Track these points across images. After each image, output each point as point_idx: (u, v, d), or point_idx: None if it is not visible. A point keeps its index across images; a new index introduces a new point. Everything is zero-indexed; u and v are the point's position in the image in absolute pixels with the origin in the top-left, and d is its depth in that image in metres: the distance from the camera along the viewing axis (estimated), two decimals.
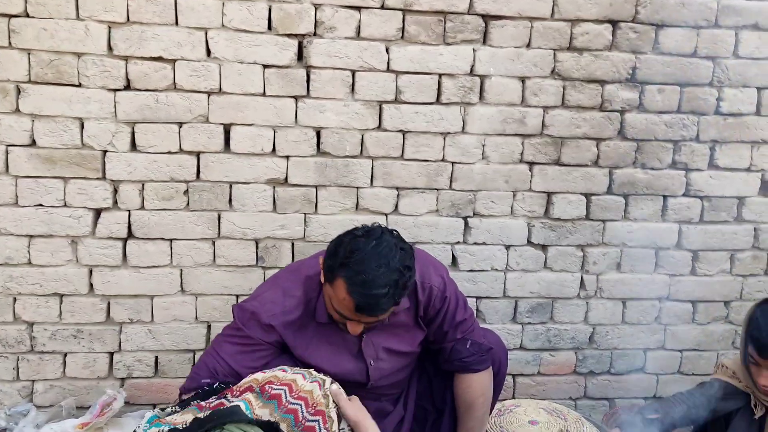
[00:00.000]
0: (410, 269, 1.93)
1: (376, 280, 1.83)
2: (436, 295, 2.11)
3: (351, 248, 1.90)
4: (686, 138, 2.81)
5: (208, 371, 2.01)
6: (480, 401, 2.24)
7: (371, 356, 2.16)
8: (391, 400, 2.32)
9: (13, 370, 2.59)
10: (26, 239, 2.50)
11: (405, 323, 2.18)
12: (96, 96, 2.43)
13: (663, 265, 2.91)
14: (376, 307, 1.90)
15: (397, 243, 1.94)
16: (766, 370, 2.12)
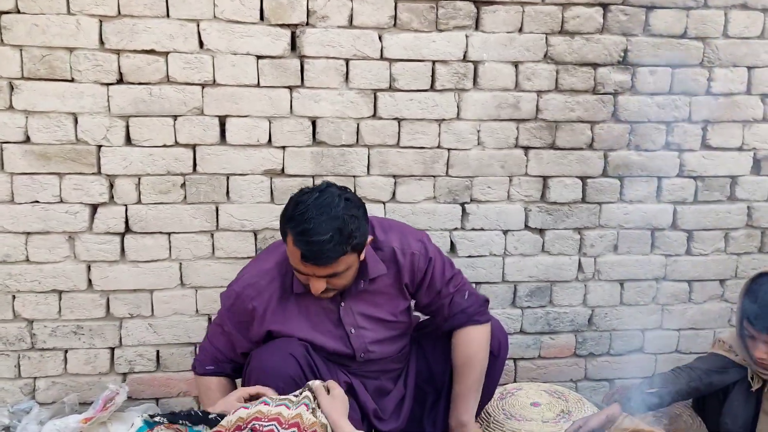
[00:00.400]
0: (356, 218, 1.91)
1: (317, 228, 1.85)
2: (419, 258, 2.11)
3: (296, 202, 1.92)
4: (678, 119, 2.76)
5: (209, 360, 2.16)
6: (479, 357, 2.18)
7: (351, 324, 2.12)
8: (392, 379, 2.27)
9: (15, 368, 2.53)
10: (23, 236, 2.44)
11: (385, 291, 2.14)
12: (89, 90, 2.37)
13: (659, 246, 2.88)
14: (320, 255, 1.86)
15: (341, 194, 1.92)
16: (761, 342, 2.10)
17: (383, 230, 2.19)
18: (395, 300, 2.17)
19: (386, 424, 2.23)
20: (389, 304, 2.17)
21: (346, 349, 2.15)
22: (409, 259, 2.12)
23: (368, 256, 2.08)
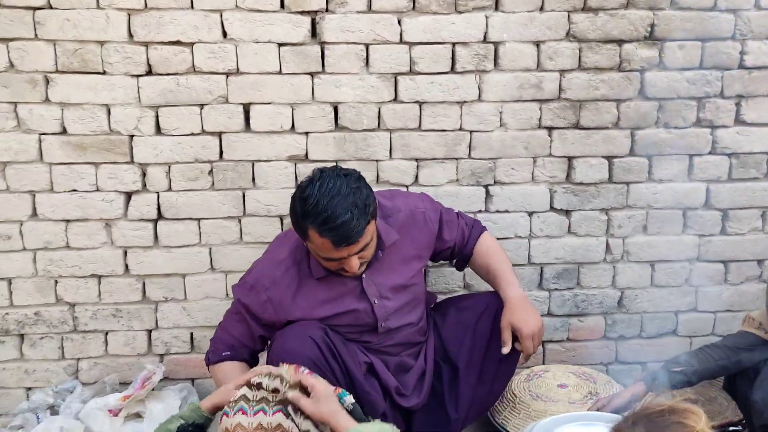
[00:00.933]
0: (360, 188, 1.93)
1: (336, 211, 1.85)
2: (429, 213, 2.19)
3: (303, 198, 1.91)
4: (710, 94, 2.61)
5: (225, 346, 2.15)
6: (499, 248, 2.33)
7: (374, 294, 2.10)
8: (412, 355, 2.24)
9: (59, 350, 2.59)
10: (63, 224, 2.49)
11: (400, 256, 2.13)
12: (120, 82, 2.39)
13: (692, 226, 2.73)
14: (351, 233, 1.87)
15: (338, 172, 1.94)
16: None
17: (388, 198, 2.20)
18: (411, 262, 2.17)
19: (408, 400, 2.19)
20: (405, 268, 2.16)
21: (369, 320, 2.13)
22: (421, 217, 2.17)
23: (379, 228, 2.08)
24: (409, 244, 2.13)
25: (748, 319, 2.20)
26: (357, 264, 1.96)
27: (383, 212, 2.11)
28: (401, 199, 2.20)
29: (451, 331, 2.28)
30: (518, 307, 2.14)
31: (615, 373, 2.80)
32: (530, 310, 2.15)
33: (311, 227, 1.88)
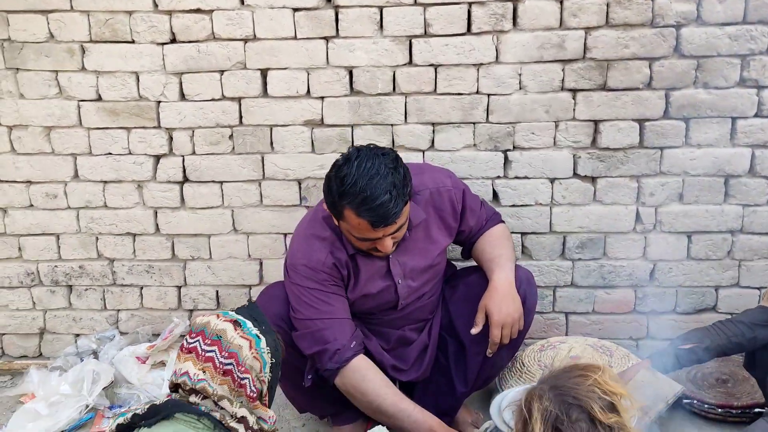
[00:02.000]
0: (397, 168, 1.80)
1: (375, 191, 1.74)
2: (455, 192, 2.03)
3: (340, 178, 1.78)
4: (755, 51, 2.25)
5: (344, 337, 1.89)
6: (508, 237, 2.12)
7: (398, 275, 1.98)
8: (415, 330, 2.09)
9: (101, 301, 2.66)
10: (101, 185, 2.54)
11: (425, 235, 1.99)
12: (147, 50, 2.39)
13: (734, 195, 2.39)
14: (388, 214, 1.76)
15: (375, 152, 1.81)
16: None
17: (415, 174, 1.99)
18: (437, 239, 2.02)
19: (407, 374, 2.06)
20: (432, 248, 2.01)
21: (391, 298, 2.01)
22: (447, 195, 2.02)
23: None
24: (435, 222, 1.99)
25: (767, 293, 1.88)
26: (391, 244, 1.83)
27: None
28: (428, 174, 2.03)
29: (459, 305, 2.12)
30: (498, 291, 1.93)
31: (646, 350, 2.51)
32: (511, 297, 1.93)
33: (348, 207, 1.76)
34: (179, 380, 1.47)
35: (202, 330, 1.50)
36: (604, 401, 1.25)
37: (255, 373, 1.47)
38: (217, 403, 1.44)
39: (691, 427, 2.20)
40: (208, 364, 1.44)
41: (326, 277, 1.91)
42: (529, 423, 1.24)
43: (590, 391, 1.25)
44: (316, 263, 1.89)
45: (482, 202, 2.15)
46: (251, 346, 1.47)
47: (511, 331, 1.92)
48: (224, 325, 1.49)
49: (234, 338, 1.47)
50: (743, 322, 1.85)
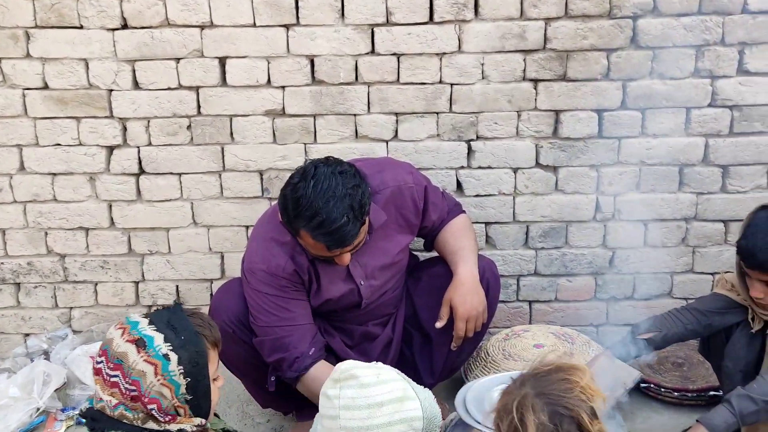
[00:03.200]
0: (357, 187, 1.72)
1: (331, 216, 1.67)
2: (416, 190, 1.97)
3: (295, 199, 1.71)
4: (710, 42, 2.29)
5: (305, 343, 1.84)
6: (471, 230, 2.09)
7: (360, 276, 1.94)
8: (379, 324, 2.06)
9: (52, 298, 2.54)
10: (50, 177, 2.42)
11: (387, 234, 1.94)
12: (96, 36, 2.28)
13: (688, 183, 2.44)
14: (346, 238, 1.71)
15: (333, 170, 1.72)
16: (756, 281, 1.71)
17: (376, 172, 1.96)
18: (398, 237, 1.98)
19: None
20: (391, 246, 1.97)
21: (355, 300, 1.97)
22: (408, 193, 1.98)
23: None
24: (396, 221, 1.95)
25: (722, 280, 1.94)
26: (348, 258, 1.80)
27: (370, 189, 1.89)
28: (389, 172, 1.97)
29: (423, 298, 2.10)
30: (463, 284, 1.91)
31: (607, 335, 2.55)
32: (475, 291, 1.92)
33: (304, 230, 1.71)
34: (98, 405, 1.36)
35: (106, 349, 1.37)
36: (589, 408, 1.25)
37: (166, 400, 1.34)
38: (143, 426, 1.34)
39: (649, 411, 2.25)
40: (114, 390, 1.34)
41: (286, 283, 1.85)
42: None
43: (579, 399, 1.24)
44: (276, 269, 1.83)
45: (443, 193, 2.13)
46: (156, 372, 1.32)
47: (475, 324, 1.91)
48: (126, 347, 1.34)
49: (136, 363, 1.33)
50: (698, 310, 1.89)
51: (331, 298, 1.93)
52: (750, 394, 1.62)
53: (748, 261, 1.69)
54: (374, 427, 1.34)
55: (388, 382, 1.39)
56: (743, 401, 1.63)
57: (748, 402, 1.63)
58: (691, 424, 2.03)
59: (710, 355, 1.98)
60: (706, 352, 2.00)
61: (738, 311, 1.85)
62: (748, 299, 1.79)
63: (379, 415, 1.35)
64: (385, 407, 1.36)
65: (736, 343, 1.82)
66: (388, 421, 1.35)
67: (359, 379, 1.38)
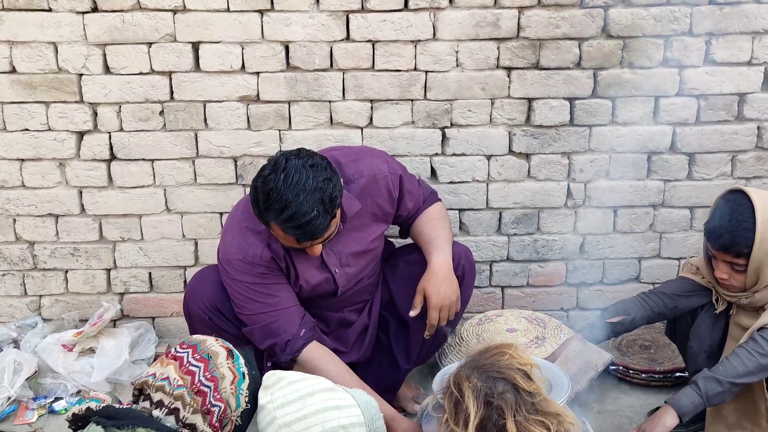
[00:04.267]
0: (328, 180, 1.72)
1: (301, 209, 1.67)
2: (392, 179, 1.97)
3: (265, 191, 1.70)
4: (678, 32, 2.34)
5: (294, 326, 1.84)
6: (446, 219, 2.10)
7: (335, 265, 1.94)
8: (355, 311, 2.08)
9: (21, 286, 2.50)
10: (18, 162, 2.37)
11: (362, 223, 1.95)
12: (65, 19, 2.24)
13: (656, 171, 2.49)
14: (316, 231, 1.71)
15: (304, 163, 1.71)
16: (721, 262, 1.77)
17: (351, 161, 1.96)
18: (371, 227, 1.98)
19: (348, 356, 2.04)
20: (365, 234, 1.98)
21: (331, 288, 1.97)
22: (384, 182, 1.97)
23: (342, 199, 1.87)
24: (370, 210, 1.95)
25: (688, 264, 2.00)
26: (320, 250, 1.80)
27: (345, 178, 1.88)
28: (365, 161, 1.96)
29: (400, 284, 2.11)
30: (437, 274, 1.92)
31: (576, 320, 2.61)
32: (449, 280, 1.93)
33: (274, 223, 1.71)
34: (157, 382, 1.37)
35: (195, 345, 1.44)
36: (521, 372, 1.36)
37: (229, 409, 1.41)
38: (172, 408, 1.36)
39: (617, 392, 2.31)
40: (187, 377, 1.38)
41: (265, 270, 1.85)
42: (462, 402, 1.29)
43: (509, 364, 1.35)
44: (253, 257, 1.82)
45: (419, 181, 2.13)
46: (233, 382, 1.41)
47: (448, 313, 1.93)
48: (219, 350, 1.44)
49: (222, 365, 1.41)
50: (665, 293, 1.94)
51: (307, 286, 1.93)
52: (716, 376, 1.68)
53: (714, 243, 1.74)
54: (310, 415, 1.37)
55: (314, 378, 1.45)
56: (709, 383, 1.68)
57: (714, 383, 1.68)
58: (658, 404, 2.11)
59: (676, 338, 2.04)
60: (672, 334, 2.06)
61: (703, 294, 1.91)
62: (712, 280, 1.85)
63: (311, 403, 1.39)
64: (316, 395, 1.40)
65: (701, 325, 1.88)
66: (322, 407, 1.39)
67: (286, 379, 1.43)
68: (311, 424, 1.37)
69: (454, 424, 1.28)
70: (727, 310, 1.85)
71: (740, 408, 1.76)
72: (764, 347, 1.64)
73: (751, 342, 1.67)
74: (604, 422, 2.13)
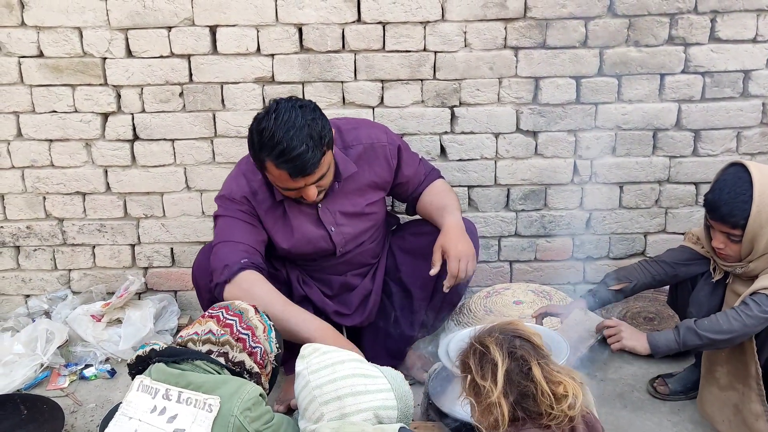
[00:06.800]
0: (316, 120, 1.85)
1: (291, 143, 1.79)
2: (390, 148, 2.09)
3: (259, 131, 1.83)
4: (683, 10, 2.38)
5: (237, 256, 1.91)
6: (453, 193, 2.21)
7: (330, 222, 2.05)
8: (359, 275, 2.18)
9: (51, 261, 2.64)
10: (46, 143, 2.50)
11: (358, 188, 2.06)
12: (89, 5, 2.34)
13: (662, 147, 2.55)
14: (306, 165, 1.82)
15: (293, 104, 1.85)
16: (718, 232, 1.83)
17: (351, 129, 2.08)
18: (367, 193, 2.09)
19: (350, 319, 2.15)
20: (361, 198, 2.08)
21: (328, 246, 2.07)
22: (381, 151, 2.08)
23: (338, 159, 1.99)
24: (367, 175, 2.05)
25: (689, 234, 2.07)
26: (315, 193, 1.89)
27: (344, 143, 2.02)
28: (364, 130, 2.08)
29: (406, 255, 2.20)
30: (452, 232, 2.00)
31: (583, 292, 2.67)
32: (464, 237, 1.99)
33: (268, 159, 1.82)
34: (202, 337, 1.57)
35: (227, 306, 1.66)
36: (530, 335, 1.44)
37: (267, 352, 1.63)
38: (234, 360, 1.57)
39: (620, 362, 2.38)
40: (226, 329, 1.59)
41: (237, 207, 1.95)
42: (488, 353, 1.34)
43: (520, 327, 1.42)
44: (230, 194, 1.96)
45: (421, 159, 2.21)
46: (265, 331, 1.65)
47: (467, 267, 1.98)
48: (247, 307, 1.66)
49: (253, 318, 1.65)
50: (666, 262, 2.02)
51: (303, 239, 2.03)
52: (698, 330, 1.77)
53: (712, 213, 1.81)
54: (340, 379, 1.54)
55: (343, 351, 1.62)
56: (689, 334, 1.79)
57: (693, 336, 1.79)
58: (659, 372, 2.19)
59: (677, 306, 2.12)
60: (673, 302, 2.14)
61: (702, 262, 1.98)
62: (710, 250, 1.92)
63: (341, 369, 1.56)
64: (347, 363, 1.58)
65: (700, 292, 1.95)
66: (351, 373, 1.56)
67: (320, 350, 1.61)
68: (340, 387, 1.53)
69: (481, 379, 1.32)
70: (724, 279, 1.92)
71: (732, 370, 1.84)
72: (753, 310, 1.71)
73: (742, 305, 1.75)
74: (606, 390, 2.22)
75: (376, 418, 1.52)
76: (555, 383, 1.29)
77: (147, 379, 1.50)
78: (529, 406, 1.29)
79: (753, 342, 1.75)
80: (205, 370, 1.51)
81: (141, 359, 1.57)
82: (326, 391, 1.52)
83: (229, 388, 1.45)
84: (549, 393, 1.28)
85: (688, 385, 2.09)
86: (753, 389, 1.78)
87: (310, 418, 1.53)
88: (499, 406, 1.27)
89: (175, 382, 1.47)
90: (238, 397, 1.44)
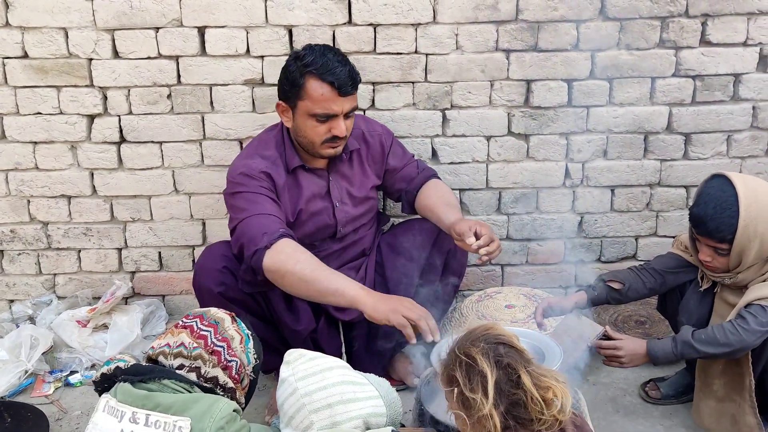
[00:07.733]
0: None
1: (334, 60, 1.92)
2: (384, 137, 2.20)
3: (300, 56, 1.95)
4: (674, 14, 2.39)
5: (275, 225, 1.88)
6: (452, 194, 2.27)
7: (337, 197, 2.10)
8: (353, 268, 2.19)
9: (36, 265, 2.59)
10: (31, 145, 2.46)
11: (359, 168, 2.14)
12: (75, 5, 2.31)
13: (653, 150, 2.55)
14: (351, 79, 1.92)
15: (325, 45, 2.02)
16: (704, 246, 1.82)
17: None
18: (367, 177, 2.16)
19: (349, 313, 2.13)
20: (363, 181, 2.15)
21: (330, 222, 2.11)
22: (378, 139, 2.18)
23: None
24: (367, 157, 2.16)
25: (677, 241, 2.07)
26: (344, 127, 1.94)
27: None
28: (360, 120, 2.19)
29: (390, 253, 2.21)
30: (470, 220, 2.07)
31: None
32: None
33: (312, 74, 1.89)
34: (174, 350, 1.49)
35: (201, 314, 1.56)
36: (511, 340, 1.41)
37: (243, 365, 1.54)
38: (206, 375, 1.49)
39: None
40: (200, 341, 1.50)
41: (258, 183, 1.95)
42: (475, 365, 1.31)
43: (500, 331, 1.38)
44: (249, 170, 1.97)
45: (414, 157, 2.29)
46: (242, 341, 1.55)
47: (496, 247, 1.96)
48: (224, 316, 1.57)
49: (229, 329, 1.54)
50: (655, 269, 2.02)
51: (307, 211, 2.06)
52: (694, 344, 1.76)
53: (698, 228, 1.80)
54: (330, 386, 1.51)
55: (329, 357, 1.59)
56: (686, 348, 1.78)
57: (690, 349, 1.78)
58: (651, 376, 2.19)
59: (667, 313, 2.11)
60: (663, 309, 2.13)
61: (690, 270, 1.98)
62: (697, 261, 1.92)
63: (330, 376, 1.53)
64: (335, 370, 1.55)
65: (689, 300, 1.95)
66: (341, 380, 1.53)
67: (306, 356, 1.57)
68: (331, 395, 1.49)
69: (470, 392, 1.28)
70: (712, 287, 1.91)
71: (729, 382, 1.84)
72: (750, 323, 1.71)
73: (738, 318, 1.74)
74: (599, 394, 2.21)
75: (365, 425, 1.50)
76: (544, 389, 1.27)
77: (113, 400, 1.43)
78: (519, 413, 1.27)
79: (749, 354, 1.75)
80: (173, 390, 1.43)
81: (106, 377, 1.49)
82: (316, 399, 1.49)
83: (200, 407, 1.38)
84: (539, 399, 1.26)
85: (680, 389, 2.09)
86: (746, 401, 1.78)
87: (297, 427, 1.51)
88: (491, 418, 1.25)
89: (141, 404, 1.39)
90: (210, 416, 1.37)
